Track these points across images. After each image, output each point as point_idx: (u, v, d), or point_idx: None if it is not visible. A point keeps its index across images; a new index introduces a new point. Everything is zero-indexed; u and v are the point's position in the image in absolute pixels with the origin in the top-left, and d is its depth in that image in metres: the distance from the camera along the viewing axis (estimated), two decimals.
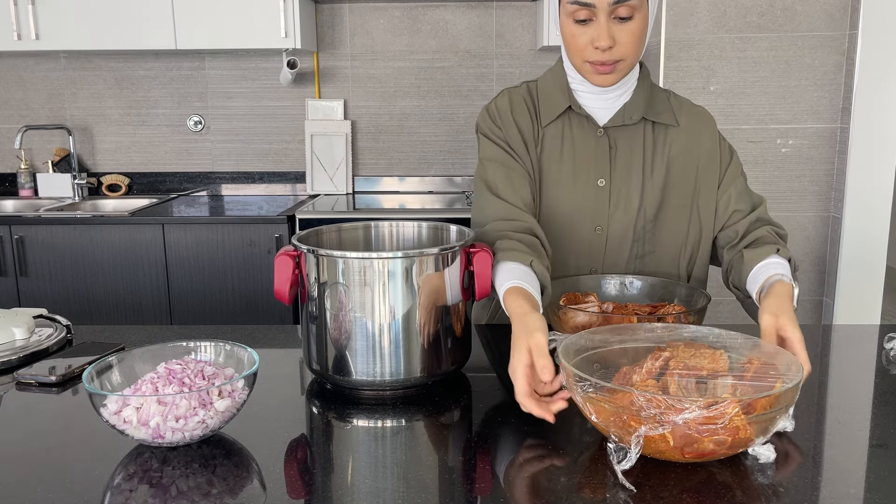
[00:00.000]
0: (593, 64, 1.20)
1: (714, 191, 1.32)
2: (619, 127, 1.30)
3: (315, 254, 1.04)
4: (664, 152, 1.31)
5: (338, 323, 1.04)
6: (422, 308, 1.04)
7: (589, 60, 1.19)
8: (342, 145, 3.29)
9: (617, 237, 1.32)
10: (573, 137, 1.31)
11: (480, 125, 1.35)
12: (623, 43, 1.17)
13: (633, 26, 1.16)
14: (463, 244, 1.09)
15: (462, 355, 1.12)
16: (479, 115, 1.36)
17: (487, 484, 0.82)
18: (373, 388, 1.06)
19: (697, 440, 0.80)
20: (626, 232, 1.32)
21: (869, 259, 2.68)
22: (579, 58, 1.21)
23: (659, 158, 1.31)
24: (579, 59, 1.21)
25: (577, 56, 1.21)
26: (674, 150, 1.31)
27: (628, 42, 1.17)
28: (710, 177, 1.32)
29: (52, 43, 2.90)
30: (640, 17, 1.17)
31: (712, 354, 0.93)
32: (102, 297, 2.82)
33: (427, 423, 0.99)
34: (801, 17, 2.60)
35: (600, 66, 1.19)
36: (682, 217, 1.33)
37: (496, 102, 1.35)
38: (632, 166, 1.30)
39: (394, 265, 1.02)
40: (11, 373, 1.14)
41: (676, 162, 1.31)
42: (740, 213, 1.30)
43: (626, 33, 1.16)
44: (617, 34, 1.16)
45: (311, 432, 0.96)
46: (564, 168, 1.31)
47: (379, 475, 0.84)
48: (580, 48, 1.19)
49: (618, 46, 1.17)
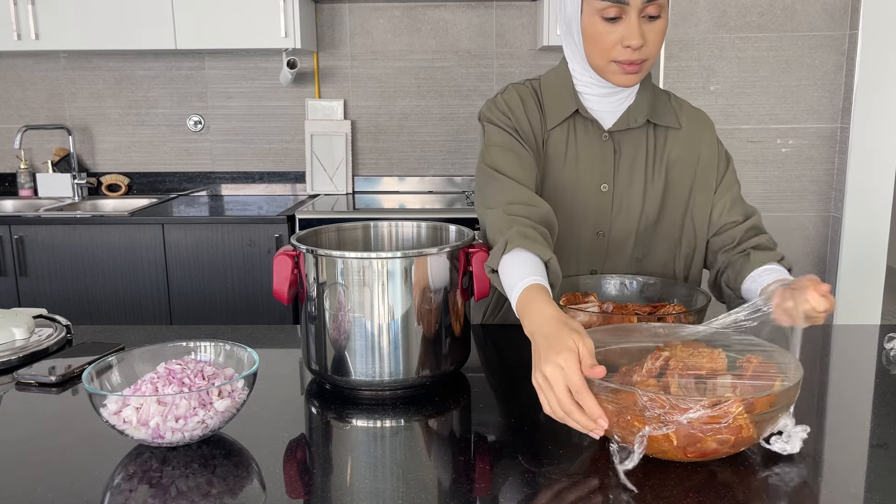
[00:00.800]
0: (620, 63, 1.16)
1: (710, 195, 1.31)
2: (624, 130, 1.29)
3: (314, 254, 1.04)
4: (665, 155, 1.31)
5: (337, 323, 1.04)
6: (420, 308, 1.04)
7: (616, 60, 1.16)
8: (342, 145, 3.29)
9: (618, 241, 1.32)
10: (577, 141, 1.29)
11: (486, 114, 1.31)
12: (651, 42, 1.15)
13: (660, 25, 1.15)
14: (462, 244, 1.09)
15: (461, 355, 1.12)
16: (483, 106, 1.33)
17: (487, 484, 0.82)
18: (372, 388, 1.06)
19: (701, 440, 0.80)
20: (628, 236, 1.32)
21: (869, 259, 2.68)
22: (604, 57, 1.17)
23: (660, 162, 1.30)
24: (604, 58, 1.17)
25: (601, 55, 1.17)
26: (674, 154, 1.31)
27: (655, 41, 1.16)
28: (706, 181, 1.32)
29: (52, 43, 2.90)
30: (665, 16, 1.16)
31: (710, 353, 0.93)
32: (102, 297, 2.82)
33: (426, 423, 0.99)
34: (801, 17, 2.60)
35: (628, 65, 1.16)
36: (678, 219, 1.32)
37: (503, 96, 1.31)
38: (634, 171, 1.29)
39: (392, 265, 1.02)
40: (11, 373, 1.14)
41: (676, 165, 1.31)
42: (734, 222, 1.29)
43: (653, 32, 1.15)
44: (646, 33, 1.14)
45: (311, 432, 0.96)
46: (568, 172, 1.29)
47: (378, 475, 0.84)
48: (607, 47, 1.15)
49: (646, 45, 1.15)
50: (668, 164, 1.31)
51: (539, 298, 0.96)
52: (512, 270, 1.04)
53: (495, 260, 1.07)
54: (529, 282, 0.99)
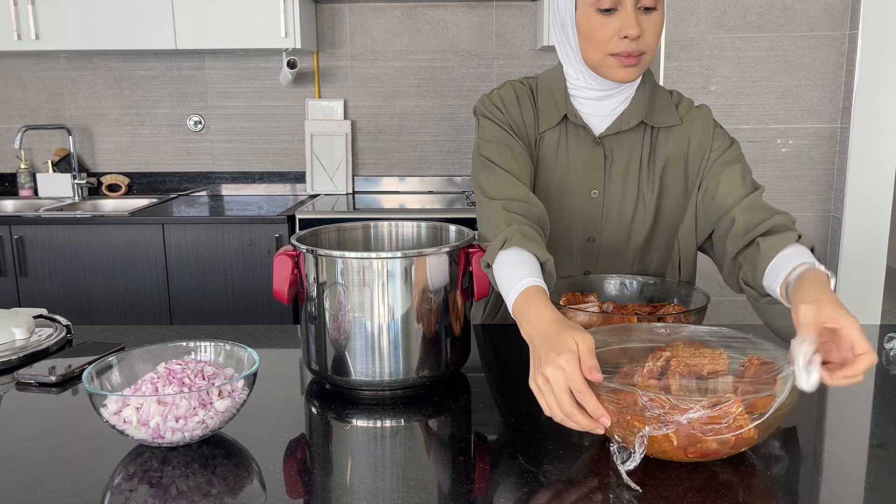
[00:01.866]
0: (618, 56, 1.14)
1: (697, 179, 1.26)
2: (615, 135, 1.26)
3: (314, 254, 1.04)
4: (663, 154, 1.27)
5: (337, 323, 1.04)
6: (420, 308, 1.04)
7: (613, 52, 1.14)
8: (342, 145, 3.29)
9: (610, 246, 1.30)
10: (569, 145, 1.27)
11: (480, 108, 1.30)
12: (648, 33, 1.14)
13: (657, 18, 1.14)
14: (462, 244, 1.09)
15: (461, 355, 1.12)
16: (479, 101, 1.31)
17: (487, 484, 0.82)
18: (372, 388, 1.06)
19: (701, 440, 0.80)
20: (621, 241, 1.30)
21: (869, 259, 2.68)
22: (602, 51, 1.15)
23: (656, 165, 1.28)
24: (602, 52, 1.15)
25: (599, 49, 1.15)
26: (670, 151, 1.27)
27: (653, 33, 1.14)
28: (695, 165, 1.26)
29: (52, 43, 2.90)
30: (661, 9, 1.15)
31: (712, 354, 0.93)
32: (102, 297, 2.82)
33: (426, 423, 0.99)
34: (801, 17, 2.60)
35: (626, 57, 1.14)
36: (674, 224, 1.30)
37: (499, 92, 1.30)
38: (628, 177, 1.27)
39: (392, 265, 1.02)
40: (11, 373, 1.14)
41: (670, 164, 1.28)
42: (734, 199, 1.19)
43: (650, 24, 1.13)
44: (643, 24, 1.13)
45: (311, 432, 0.96)
46: (558, 175, 1.28)
47: (378, 475, 0.84)
48: (603, 40, 1.14)
49: (643, 37, 1.13)
50: (664, 166, 1.27)
51: (537, 301, 0.95)
52: (509, 270, 1.03)
53: (492, 255, 1.07)
54: (528, 283, 0.98)
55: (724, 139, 1.28)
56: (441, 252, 1.05)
